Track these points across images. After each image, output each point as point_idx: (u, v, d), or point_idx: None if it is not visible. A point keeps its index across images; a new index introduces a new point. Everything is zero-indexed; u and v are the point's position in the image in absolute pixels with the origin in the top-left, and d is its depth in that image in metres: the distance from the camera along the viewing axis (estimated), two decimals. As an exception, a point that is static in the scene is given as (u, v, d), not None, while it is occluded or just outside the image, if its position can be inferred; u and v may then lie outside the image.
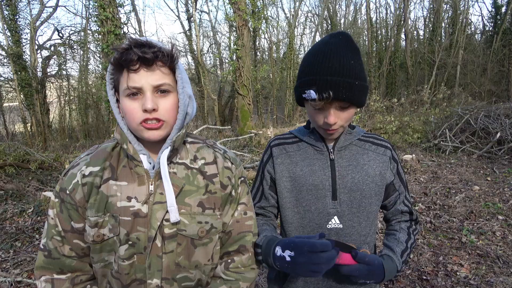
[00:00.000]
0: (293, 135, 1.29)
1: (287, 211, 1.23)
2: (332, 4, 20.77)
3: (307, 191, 1.19)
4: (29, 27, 14.00)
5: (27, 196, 5.75)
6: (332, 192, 1.18)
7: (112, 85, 0.98)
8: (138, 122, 0.93)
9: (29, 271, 3.41)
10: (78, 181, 0.98)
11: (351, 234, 1.18)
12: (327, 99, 1.02)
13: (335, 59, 1.03)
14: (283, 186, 1.23)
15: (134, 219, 0.97)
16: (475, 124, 8.09)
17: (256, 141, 8.85)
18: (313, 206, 1.19)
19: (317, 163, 1.20)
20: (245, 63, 11.49)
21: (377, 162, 1.22)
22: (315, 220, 1.19)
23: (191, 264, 1.02)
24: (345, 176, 1.18)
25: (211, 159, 1.07)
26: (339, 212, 1.18)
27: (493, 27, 18.13)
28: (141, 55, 0.88)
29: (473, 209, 4.44)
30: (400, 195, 1.28)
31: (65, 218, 0.99)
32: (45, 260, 1.00)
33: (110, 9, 9.56)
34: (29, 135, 13.46)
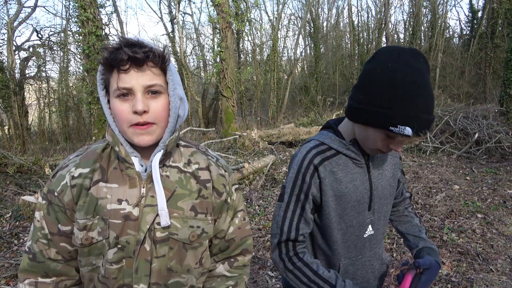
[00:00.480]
0: (328, 146, 1.16)
1: (334, 231, 1.17)
2: (314, 7, 20.98)
3: (351, 207, 1.17)
4: (6, 28, 13.63)
5: (4, 200, 5.59)
6: (369, 203, 1.20)
7: (103, 85, 0.95)
8: (128, 125, 0.91)
9: (7, 278, 3.30)
10: (67, 182, 0.95)
11: (377, 236, 1.26)
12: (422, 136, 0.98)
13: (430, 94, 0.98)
14: (330, 207, 1.15)
15: (125, 222, 0.95)
16: (454, 125, 8.30)
17: (240, 143, 8.83)
18: (355, 220, 1.19)
19: (358, 177, 1.17)
20: (229, 65, 11.47)
21: (391, 165, 1.27)
22: (355, 232, 1.20)
23: (183, 268, 1.01)
24: (378, 185, 1.21)
25: (205, 165, 1.06)
26: (373, 221, 1.22)
27: (470, 31, 18.65)
28: (132, 55, 0.86)
29: (454, 208, 4.55)
30: (404, 185, 1.40)
31: (52, 221, 0.97)
32: (30, 263, 0.97)
33: (91, 9, 9.40)
34: (7, 138, 13.07)
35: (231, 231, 1.11)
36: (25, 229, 4.41)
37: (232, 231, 1.12)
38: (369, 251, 1.25)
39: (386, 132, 1.01)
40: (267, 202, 5.17)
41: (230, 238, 1.12)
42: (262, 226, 4.33)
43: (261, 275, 3.26)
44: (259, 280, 3.16)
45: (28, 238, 1.01)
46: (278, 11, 19.26)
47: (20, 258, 3.66)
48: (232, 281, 1.13)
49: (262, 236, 4.03)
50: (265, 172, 6.27)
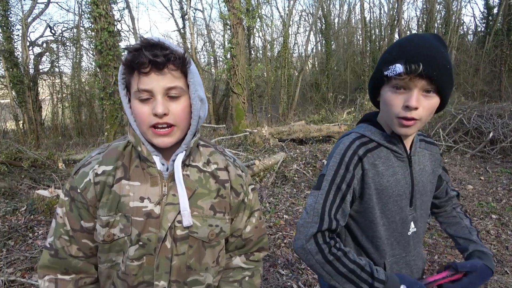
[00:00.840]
0: (370, 138, 1.13)
1: (377, 226, 1.13)
2: (326, 3, 20.82)
3: (393, 202, 1.13)
4: (20, 23, 13.82)
5: (19, 194, 5.69)
6: (410, 199, 1.16)
7: (124, 85, 0.96)
8: (148, 126, 0.92)
9: (23, 270, 3.37)
10: (91, 179, 0.97)
11: (420, 234, 1.22)
12: (415, 72, 0.94)
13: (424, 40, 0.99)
14: (373, 201, 1.11)
15: (147, 219, 0.96)
16: (468, 124, 8.17)
17: (251, 140, 8.84)
18: (397, 216, 1.14)
19: (400, 171, 1.13)
20: (240, 61, 11.46)
21: (431, 161, 1.24)
22: (398, 229, 1.16)
23: (201, 266, 1.03)
24: (419, 181, 1.17)
25: (223, 166, 1.08)
26: (415, 217, 1.18)
27: (485, 28, 18.32)
28: (152, 59, 0.86)
29: (467, 208, 4.48)
30: (448, 183, 1.34)
31: (74, 217, 0.98)
32: (51, 260, 0.99)
33: (103, 6, 9.48)
34: (21, 132, 13.29)
35: (248, 230, 1.13)
36: (39, 223, 4.48)
37: (249, 230, 1.13)
38: (413, 249, 1.20)
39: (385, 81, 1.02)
40: (278, 200, 5.16)
41: (247, 237, 1.14)
42: (273, 224, 4.33)
43: (272, 272, 3.26)
44: (270, 278, 3.17)
45: (49, 234, 1.02)
46: (289, 7, 19.17)
47: (34, 252, 3.73)
48: (249, 271, 1.16)
49: (272, 234, 4.03)
50: (276, 169, 6.27)
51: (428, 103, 0.99)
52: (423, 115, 1.00)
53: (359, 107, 11.34)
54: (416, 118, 0.99)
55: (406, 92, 0.99)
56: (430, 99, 0.99)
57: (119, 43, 10.05)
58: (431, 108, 1.01)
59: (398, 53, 0.99)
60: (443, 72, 0.96)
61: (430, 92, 0.99)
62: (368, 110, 10.81)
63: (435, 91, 0.99)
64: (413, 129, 1.03)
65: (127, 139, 1.03)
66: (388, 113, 1.05)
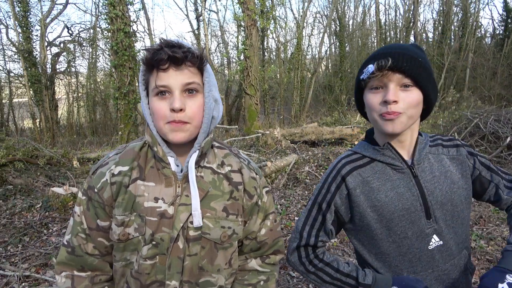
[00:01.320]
0: (361, 154, 1.14)
1: (381, 242, 1.11)
2: (340, 5, 20.70)
3: (399, 217, 1.08)
4: (39, 24, 14.14)
5: (35, 191, 5.81)
6: (425, 211, 1.08)
7: (144, 86, 0.98)
8: (165, 122, 0.93)
9: (37, 266, 3.43)
10: (107, 180, 0.99)
11: (451, 247, 1.12)
12: (384, 66, 0.97)
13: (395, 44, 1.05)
14: (370, 218, 1.09)
15: (160, 219, 0.97)
16: (484, 128, 8.01)
17: (263, 141, 8.84)
18: (409, 231, 1.08)
19: (401, 184, 1.09)
20: (253, 63, 11.48)
21: (455, 165, 1.14)
22: (414, 245, 1.09)
23: (213, 267, 1.04)
24: (433, 191, 1.09)
25: (237, 168, 1.08)
26: (437, 230, 1.09)
27: (504, 31, 17.95)
28: (171, 54, 0.89)
29: (482, 214, 4.39)
30: (498, 185, 1.17)
31: (91, 216, 1.00)
32: (68, 257, 1.01)
33: (120, 7, 9.62)
34: (38, 131, 13.58)
35: (263, 233, 1.13)
36: (53, 220, 4.57)
37: (264, 233, 1.14)
38: (443, 264, 1.11)
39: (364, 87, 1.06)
40: (289, 202, 5.15)
41: (262, 240, 1.14)
42: (284, 226, 4.32)
43: (283, 275, 3.25)
44: (281, 280, 3.16)
45: (67, 232, 1.04)
46: (303, 9, 19.15)
47: (49, 248, 3.80)
48: (264, 276, 1.16)
49: (284, 236, 4.02)
50: (287, 171, 6.25)
51: (408, 96, 0.99)
52: (406, 108, 0.99)
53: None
54: (399, 111, 0.99)
55: (383, 90, 1.01)
56: (409, 92, 0.99)
57: (135, 44, 10.18)
58: (413, 101, 0.99)
59: (370, 57, 1.03)
60: (414, 64, 0.98)
61: (409, 86, 0.99)
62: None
63: (414, 85, 0.99)
64: (398, 124, 1.00)
65: (143, 140, 1.05)
66: (372, 115, 1.05)
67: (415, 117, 1.03)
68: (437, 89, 1.07)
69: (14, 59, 16.15)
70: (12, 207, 4.90)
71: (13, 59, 16.46)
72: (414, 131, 1.09)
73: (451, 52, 16.73)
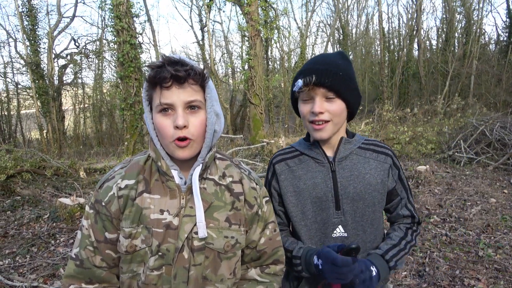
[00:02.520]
0: (294, 148, 1.34)
1: (294, 223, 1.28)
2: (344, 14, 20.83)
3: (312, 203, 1.24)
4: (47, 37, 14.36)
5: (42, 202, 5.86)
6: (335, 202, 1.22)
7: (148, 101, 1.02)
8: (170, 140, 0.97)
9: (45, 276, 3.46)
10: (114, 193, 1.02)
11: (356, 242, 1.22)
12: (310, 82, 1.12)
13: (322, 57, 1.21)
14: (288, 201, 1.27)
15: (166, 230, 1.00)
16: (490, 135, 7.97)
17: (268, 150, 8.85)
18: (318, 217, 1.24)
19: (319, 175, 1.24)
20: (258, 72, 11.56)
21: (378, 171, 1.25)
22: (320, 229, 1.25)
23: (217, 277, 1.06)
24: (347, 186, 1.22)
25: (238, 178, 1.12)
26: (343, 222, 1.23)
27: (508, 37, 17.90)
28: (174, 73, 0.92)
29: (490, 222, 4.36)
30: (402, 200, 1.31)
31: (99, 229, 1.03)
32: (76, 270, 1.03)
33: (126, 19, 9.77)
34: (45, 142, 13.71)
35: (262, 242, 1.15)
36: (61, 230, 4.60)
37: (263, 242, 1.15)
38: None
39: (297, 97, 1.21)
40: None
41: (261, 249, 1.15)
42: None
43: (289, 284, 3.24)
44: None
45: (74, 245, 1.07)
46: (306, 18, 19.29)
47: (56, 258, 3.83)
48: (263, 286, 1.16)
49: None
50: (293, 180, 6.23)
51: (332, 106, 1.15)
52: (331, 117, 1.16)
53: (377, 117, 11.22)
54: (326, 119, 1.16)
55: (311, 101, 1.17)
56: (333, 103, 1.15)
57: (140, 55, 10.31)
58: (337, 110, 1.16)
59: (299, 72, 1.19)
60: (335, 79, 1.13)
61: (332, 98, 1.15)
62: (386, 121, 10.69)
63: (337, 96, 1.15)
64: (326, 132, 1.18)
65: (147, 154, 1.09)
66: (304, 121, 1.22)
67: (340, 123, 1.21)
68: (359, 95, 1.23)
69: (22, 71, 16.40)
70: (20, 218, 4.95)
71: (21, 72, 16.70)
72: (339, 133, 1.25)
73: (455, 59, 16.73)
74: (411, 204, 1.33)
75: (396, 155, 1.32)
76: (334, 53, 1.24)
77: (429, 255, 3.63)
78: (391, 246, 1.23)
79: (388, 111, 10.93)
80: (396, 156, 1.32)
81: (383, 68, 18.59)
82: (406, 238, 1.27)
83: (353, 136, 1.30)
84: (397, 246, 1.23)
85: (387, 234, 1.32)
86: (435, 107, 12.57)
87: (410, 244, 1.27)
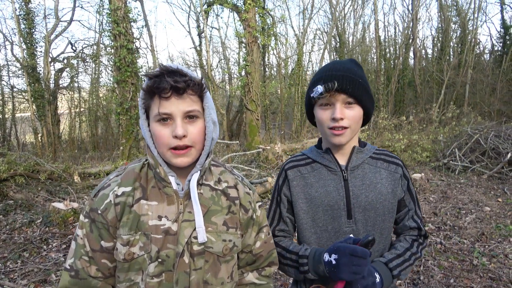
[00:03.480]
0: (306, 156, 1.33)
1: (304, 231, 1.27)
2: (340, 22, 20.98)
3: (323, 211, 1.23)
4: (44, 40, 14.33)
5: (35, 206, 5.80)
6: (347, 211, 1.22)
7: (144, 109, 1.02)
8: (168, 148, 0.97)
9: (36, 282, 3.41)
10: (111, 201, 1.01)
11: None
12: (332, 88, 1.13)
13: (339, 64, 1.21)
14: (299, 208, 1.27)
15: (165, 236, 1.00)
16: (485, 144, 8.02)
17: (263, 156, 8.85)
18: (330, 225, 1.23)
19: (332, 183, 1.24)
20: (254, 78, 11.59)
21: (389, 180, 1.25)
22: (331, 239, 1.23)
23: (217, 280, 1.07)
24: (359, 195, 1.22)
25: (233, 184, 1.14)
26: (355, 231, 1.22)
27: (502, 47, 18.14)
28: (174, 84, 0.93)
29: (484, 230, 4.37)
30: (409, 211, 1.31)
31: (95, 238, 1.02)
32: (71, 281, 1.02)
33: (124, 24, 9.78)
34: (40, 145, 13.61)
35: (258, 246, 1.17)
36: (53, 235, 4.55)
37: (259, 246, 1.18)
38: None
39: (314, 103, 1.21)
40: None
41: (257, 253, 1.18)
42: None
43: None
44: None
45: (69, 256, 1.05)
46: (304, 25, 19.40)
47: (48, 264, 3.78)
48: None
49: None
50: (288, 187, 6.22)
51: (351, 113, 1.17)
52: (350, 123, 1.17)
53: (373, 125, 11.26)
54: (345, 126, 1.16)
55: (331, 107, 1.17)
56: (352, 109, 1.17)
57: (137, 60, 10.31)
58: (355, 116, 1.18)
59: (318, 78, 1.19)
60: (356, 85, 1.15)
61: (352, 104, 1.16)
62: (382, 128, 10.73)
63: (356, 102, 1.17)
64: (345, 137, 1.18)
65: (142, 161, 1.10)
66: (322, 127, 1.22)
67: (357, 130, 1.22)
68: (374, 101, 1.24)
69: (18, 74, 16.32)
70: (12, 222, 4.89)
71: (17, 75, 16.61)
72: (353, 141, 1.25)
73: (450, 68, 16.88)
74: (418, 217, 1.32)
75: (406, 166, 1.32)
76: (348, 60, 1.24)
77: (423, 264, 3.62)
78: (395, 255, 1.22)
79: (384, 118, 10.98)
80: (406, 166, 1.32)
81: (379, 76, 18.72)
82: (412, 250, 1.26)
83: (364, 146, 1.30)
84: (402, 256, 1.22)
85: (392, 244, 1.32)
86: (430, 115, 12.65)
87: (415, 256, 1.26)
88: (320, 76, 1.18)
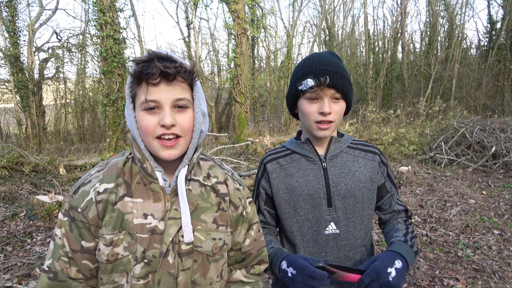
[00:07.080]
0: (285, 148, 1.36)
1: (286, 221, 1.29)
2: (330, 15, 20.96)
3: (304, 201, 1.25)
4: (27, 29, 13.96)
5: (19, 199, 5.68)
6: (327, 199, 1.25)
7: (131, 99, 0.94)
8: (153, 137, 0.90)
9: (20, 277, 3.34)
10: (92, 198, 0.94)
11: (348, 238, 1.26)
12: (323, 83, 1.14)
13: (325, 58, 1.21)
14: (280, 199, 1.29)
15: (151, 236, 0.95)
16: (470, 138, 8.15)
17: (252, 149, 8.83)
18: (311, 214, 1.25)
19: (311, 173, 1.27)
20: (243, 71, 11.52)
21: (367, 168, 1.29)
22: (313, 227, 1.26)
23: (206, 281, 1.01)
24: (338, 183, 1.25)
25: (222, 179, 1.08)
26: (335, 218, 1.25)
27: (488, 42, 18.36)
28: (163, 70, 0.86)
29: (469, 223, 4.44)
30: (393, 196, 1.37)
31: (75, 237, 0.95)
32: (49, 283, 0.95)
33: (110, 13, 9.58)
34: (24, 137, 13.33)
35: (247, 243, 1.13)
36: (38, 229, 4.47)
37: (248, 243, 1.13)
38: (336, 251, 1.25)
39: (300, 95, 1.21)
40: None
41: (247, 251, 1.13)
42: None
43: (271, 284, 3.23)
44: None
45: (47, 257, 0.98)
46: (293, 18, 19.32)
47: (32, 258, 3.71)
48: (249, 286, 1.15)
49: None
50: (277, 180, 6.23)
51: (337, 107, 1.20)
52: (336, 118, 1.20)
53: (361, 118, 11.32)
54: (331, 120, 1.19)
55: (318, 101, 1.19)
56: (338, 104, 1.20)
57: (124, 51, 10.13)
58: (340, 111, 1.21)
59: (308, 71, 1.18)
60: (344, 81, 1.17)
61: (339, 99, 1.19)
62: (370, 121, 10.80)
63: (342, 98, 1.20)
64: (330, 131, 1.21)
65: (125, 155, 1.02)
66: (306, 120, 1.22)
67: (339, 123, 1.25)
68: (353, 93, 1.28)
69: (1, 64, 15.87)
70: (-5, 216, 4.78)
71: (-1, 64, 16.17)
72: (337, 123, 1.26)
73: (437, 63, 17.04)
74: (400, 201, 1.39)
75: (383, 154, 1.35)
76: (329, 53, 1.25)
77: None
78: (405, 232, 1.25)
79: (372, 112, 11.04)
80: (383, 154, 1.36)
81: (367, 69, 18.81)
82: (409, 229, 1.29)
83: (342, 136, 1.33)
84: (409, 234, 1.25)
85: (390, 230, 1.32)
86: (418, 109, 12.78)
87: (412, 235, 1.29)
88: (310, 69, 1.18)
